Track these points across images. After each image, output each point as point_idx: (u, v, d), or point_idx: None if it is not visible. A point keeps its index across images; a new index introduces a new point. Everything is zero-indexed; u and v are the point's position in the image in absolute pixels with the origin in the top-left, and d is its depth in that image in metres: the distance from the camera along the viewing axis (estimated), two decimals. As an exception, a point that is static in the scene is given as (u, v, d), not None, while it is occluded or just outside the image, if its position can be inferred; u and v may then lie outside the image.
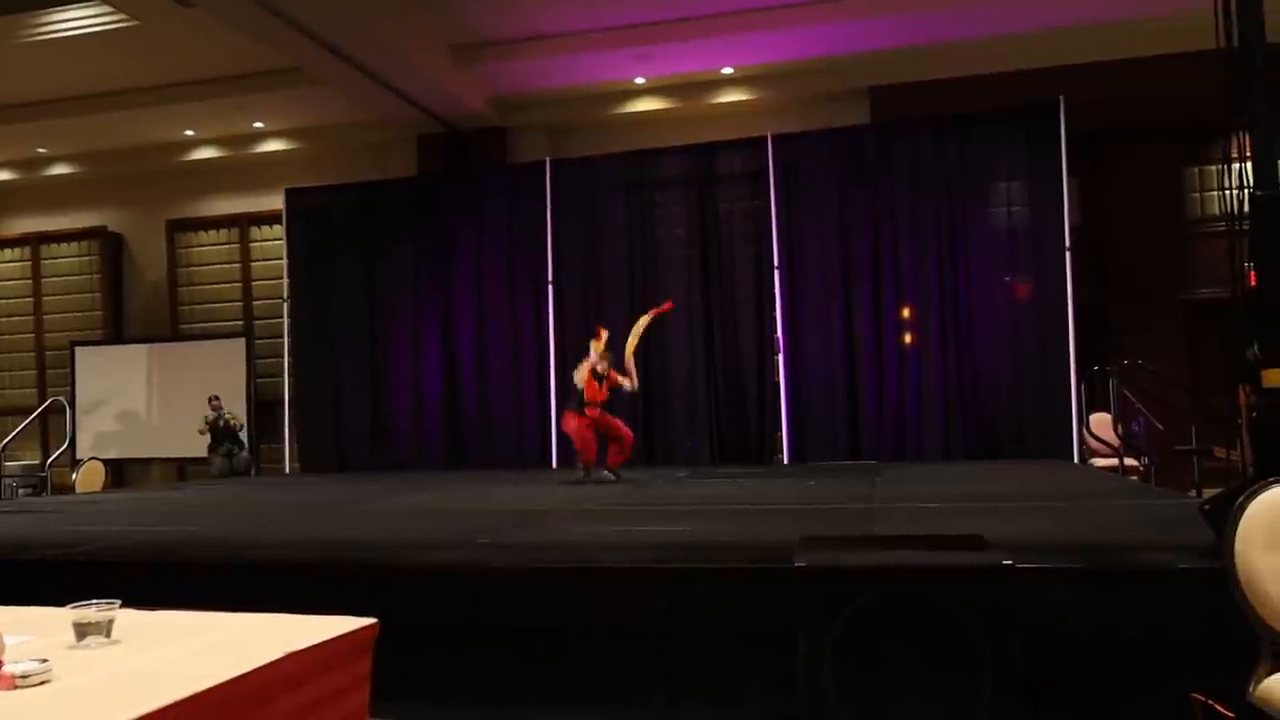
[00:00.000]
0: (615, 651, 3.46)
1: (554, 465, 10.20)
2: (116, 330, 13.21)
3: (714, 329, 10.05)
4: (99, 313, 13.22)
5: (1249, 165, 3.63)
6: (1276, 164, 3.57)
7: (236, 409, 11.40)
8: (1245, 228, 3.59)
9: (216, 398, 11.12)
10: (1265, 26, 3.65)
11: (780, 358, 9.72)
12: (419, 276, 10.94)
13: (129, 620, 1.93)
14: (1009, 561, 2.78)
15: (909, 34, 9.76)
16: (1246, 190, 3.59)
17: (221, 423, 11.04)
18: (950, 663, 2.70)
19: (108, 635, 1.83)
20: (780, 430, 9.72)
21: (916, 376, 9.50)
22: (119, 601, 1.89)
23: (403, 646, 2.97)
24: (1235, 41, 3.67)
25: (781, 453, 9.73)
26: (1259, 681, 2.46)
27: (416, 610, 3.65)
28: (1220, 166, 3.73)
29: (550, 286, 10.39)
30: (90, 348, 12.87)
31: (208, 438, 11.05)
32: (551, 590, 3.59)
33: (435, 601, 3.69)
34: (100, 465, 10.06)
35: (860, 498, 5.96)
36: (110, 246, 13.25)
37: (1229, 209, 3.64)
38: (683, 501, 6.29)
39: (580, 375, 7.44)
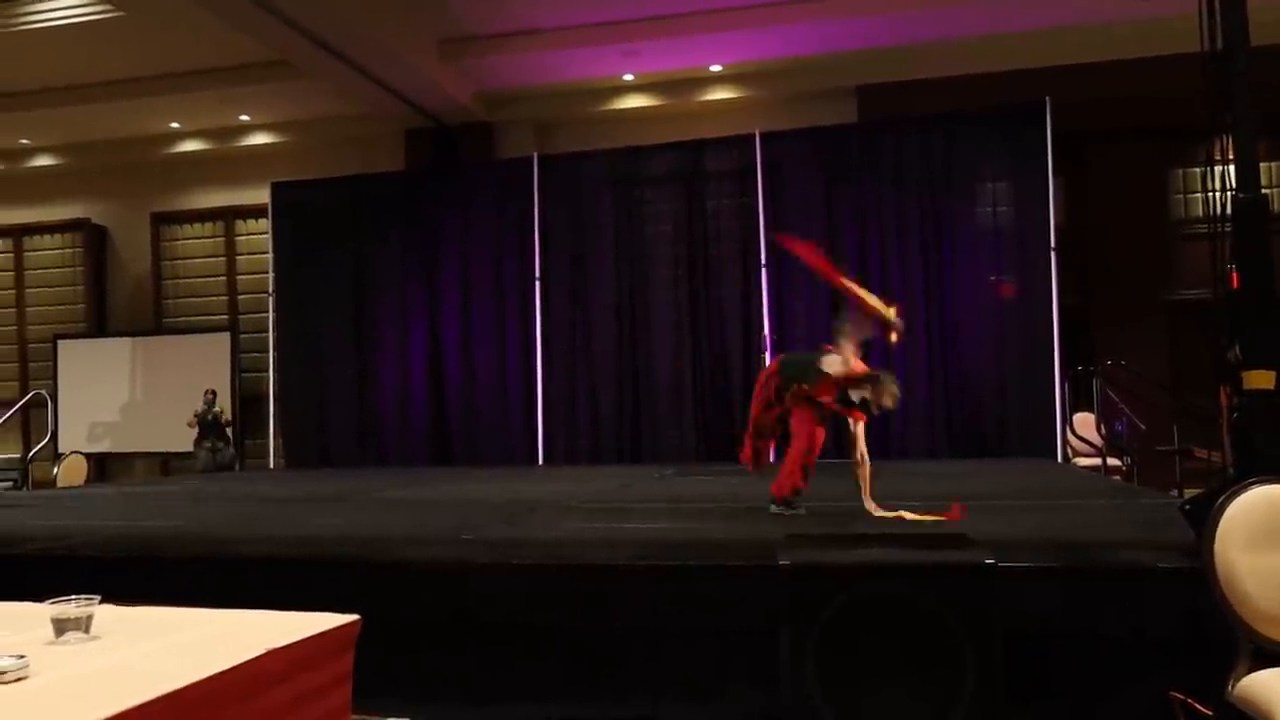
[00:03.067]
0: (599, 648, 3.46)
1: (541, 462, 10.19)
2: (99, 323, 13.11)
3: (700, 326, 10.05)
4: (82, 305, 13.13)
5: (1231, 167, 3.66)
6: (1258, 166, 3.60)
7: (221, 404, 11.35)
8: (1227, 229, 3.62)
9: (211, 391, 11.08)
10: (1249, 29, 3.68)
11: (767, 355, 9.72)
12: (405, 271, 10.89)
13: (109, 616, 1.91)
14: (991, 560, 2.79)
15: (896, 33, 9.80)
16: (1229, 192, 3.62)
17: (210, 417, 11.00)
18: (932, 660, 2.71)
19: (86, 631, 1.82)
20: (766, 428, 9.73)
21: (901, 375, 9.42)
22: (98, 597, 1.87)
23: (386, 643, 2.96)
24: (1219, 44, 3.69)
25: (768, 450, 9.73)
26: (1237, 680, 2.47)
27: (400, 606, 3.64)
28: (1203, 168, 3.75)
29: (537, 283, 10.37)
30: (73, 341, 12.79)
31: (195, 431, 11.00)
32: (536, 587, 3.58)
33: (419, 598, 3.68)
34: (82, 459, 10.02)
35: (844, 496, 5.97)
36: (93, 239, 13.16)
37: (1211, 211, 3.67)
38: (668, 499, 6.29)
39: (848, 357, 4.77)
